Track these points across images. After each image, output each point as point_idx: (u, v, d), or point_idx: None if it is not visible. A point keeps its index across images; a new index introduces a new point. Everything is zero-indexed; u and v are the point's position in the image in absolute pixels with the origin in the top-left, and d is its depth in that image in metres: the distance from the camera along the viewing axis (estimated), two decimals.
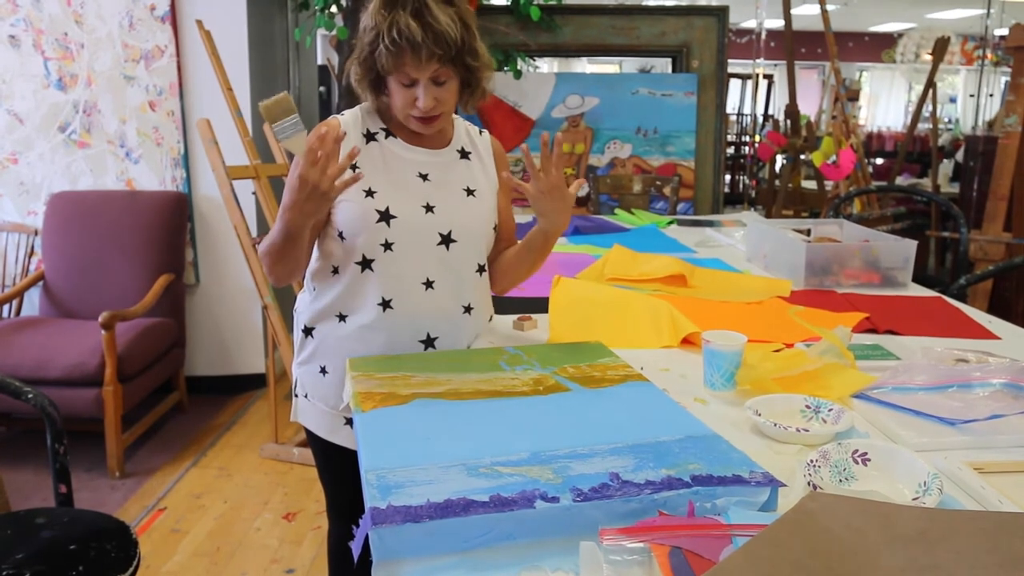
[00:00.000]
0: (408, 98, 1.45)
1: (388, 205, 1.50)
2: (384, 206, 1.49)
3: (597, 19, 4.18)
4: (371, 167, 1.52)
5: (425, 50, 1.39)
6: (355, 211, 1.49)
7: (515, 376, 1.33)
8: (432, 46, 1.39)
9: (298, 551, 2.63)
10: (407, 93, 1.45)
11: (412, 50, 1.39)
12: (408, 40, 1.38)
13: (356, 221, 1.49)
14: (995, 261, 3.85)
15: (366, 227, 1.49)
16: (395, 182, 1.52)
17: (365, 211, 1.49)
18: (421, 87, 1.44)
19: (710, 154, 4.22)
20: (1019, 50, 3.85)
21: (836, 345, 1.49)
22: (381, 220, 1.49)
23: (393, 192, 1.51)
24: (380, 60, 1.42)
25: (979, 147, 4.79)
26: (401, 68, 1.42)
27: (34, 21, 3.58)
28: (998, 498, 1.01)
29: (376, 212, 1.49)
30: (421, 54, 1.39)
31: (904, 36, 12.53)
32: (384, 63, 1.42)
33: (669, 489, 0.93)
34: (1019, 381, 1.33)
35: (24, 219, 3.74)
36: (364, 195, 1.50)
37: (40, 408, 1.79)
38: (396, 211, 1.50)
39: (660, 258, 2.30)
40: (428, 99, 1.44)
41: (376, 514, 0.87)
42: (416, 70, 1.42)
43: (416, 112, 1.47)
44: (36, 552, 1.60)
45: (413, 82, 1.44)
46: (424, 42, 1.38)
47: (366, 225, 1.49)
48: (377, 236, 1.50)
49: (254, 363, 3.97)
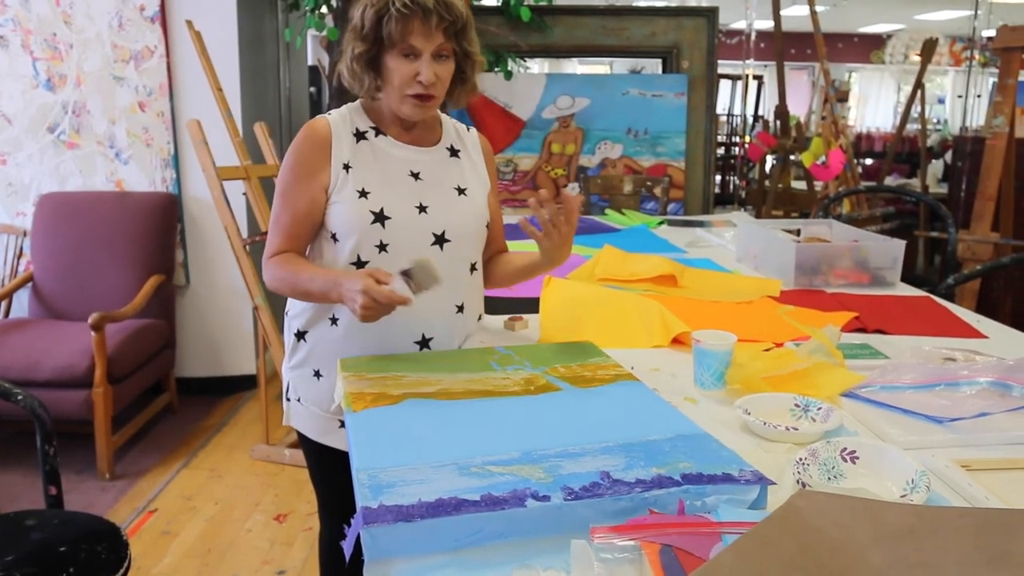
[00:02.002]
0: (408, 73, 1.44)
1: (383, 206, 1.49)
2: (379, 207, 1.49)
3: (587, 20, 4.19)
4: (363, 167, 1.51)
5: (436, 16, 1.40)
6: (349, 213, 1.48)
7: (506, 376, 1.34)
8: (443, 11, 1.41)
9: (289, 552, 2.63)
10: (408, 68, 1.44)
11: (423, 15, 1.40)
12: (419, 5, 1.39)
13: (350, 223, 1.48)
14: (983, 261, 3.87)
15: (360, 229, 1.48)
16: (388, 182, 1.52)
17: (359, 213, 1.48)
18: (424, 60, 1.44)
19: (700, 155, 4.23)
20: (1006, 51, 3.87)
21: (825, 344, 1.50)
22: (376, 221, 1.48)
23: (387, 192, 1.50)
24: (387, 28, 1.41)
25: (967, 148, 4.82)
26: (407, 37, 1.41)
27: (22, 21, 3.56)
28: (985, 495, 1.02)
29: (371, 213, 1.48)
30: (431, 20, 1.40)
31: (893, 37, 12.60)
32: (392, 30, 1.41)
33: (659, 488, 0.93)
34: (1006, 379, 1.34)
35: (13, 220, 3.72)
36: (358, 196, 1.49)
37: (30, 410, 1.78)
38: (390, 212, 1.49)
39: (650, 258, 2.31)
40: (430, 72, 1.44)
41: (368, 513, 0.87)
42: (423, 39, 1.42)
43: (416, 88, 1.45)
44: (26, 554, 1.60)
45: (415, 55, 1.43)
46: (436, 8, 1.40)
47: (361, 227, 1.48)
48: (371, 237, 1.49)
49: (244, 364, 3.96)
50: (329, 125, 1.52)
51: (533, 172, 4.22)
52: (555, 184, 4.24)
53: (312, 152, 1.50)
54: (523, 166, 4.22)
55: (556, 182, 4.24)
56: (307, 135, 1.51)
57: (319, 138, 1.51)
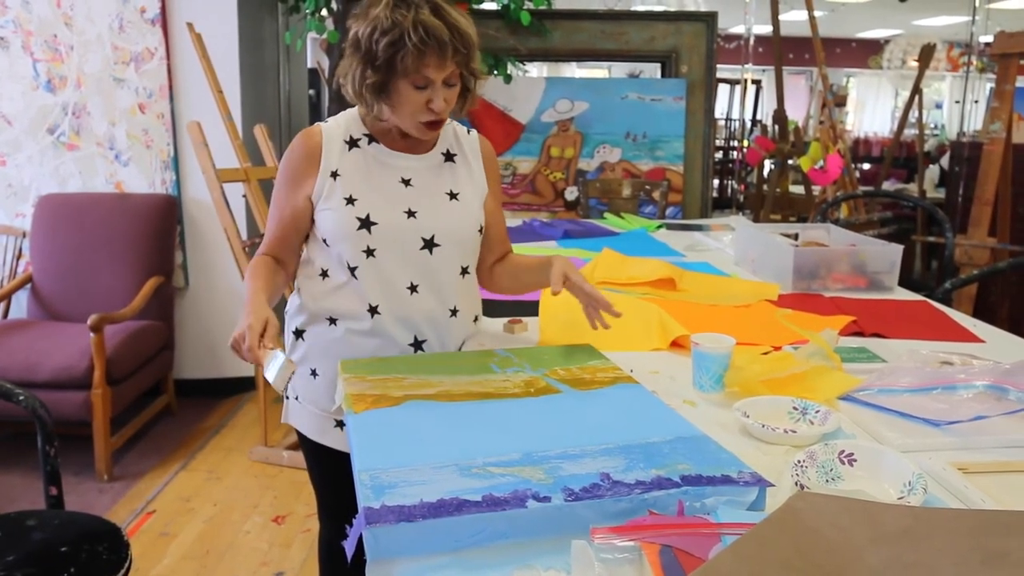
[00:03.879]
0: (420, 102, 1.44)
1: (369, 212, 1.50)
2: (365, 213, 1.50)
3: (587, 24, 4.20)
4: (353, 174, 1.52)
5: (451, 48, 1.40)
6: (336, 219, 1.50)
7: (506, 378, 1.34)
8: (459, 44, 1.40)
9: (288, 554, 2.63)
10: (419, 97, 1.43)
11: (439, 48, 1.39)
12: (436, 38, 1.38)
13: (338, 229, 1.50)
14: (980, 265, 3.89)
15: (347, 234, 1.50)
16: (377, 188, 1.53)
17: (346, 219, 1.49)
18: (436, 89, 1.43)
19: (699, 159, 4.25)
20: (1004, 57, 3.89)
21: (823, 348, 1.51)
22: (362, 227, 1.50)
23: (374, 199, 1.52)
24: (403, 61, 1.39)
25: (964, 153, 4.83)
26: (421, 69, 1.40)
27: (23, 22, 3.57)
28: (981, 497, 1.03)
29: (356, 220, 1.49)
30: (447, 53, 1.40)
31: (891, 42, 12.61)
32: (407, 63, 1.39)
33: (659, 489, 0.94)
34: (1002, 383, 1.35)
35: (12, 221, 3.72)
36: (345, 203, 1.50)
37: (31, 410, 1.79)
38: (377, 218, 1.50)
39: (649, 262, 2.32)
40: (441, 101, 1.44)
41: (370, 514, 0.88)
42: (437, 70, 1.41)
43: (428, 116, 1.46)
44: (27, 554, 1.60)
45: (427, 84, 1.43)
46: (451, 40, 1.39)
47: (347, 233, 1.50)
48: (359, 243, 1.50)
49: (243, 366, 3.96)
50: (322, 134, 1.53)
51: (532, 175, 4.24)
52: (554, 188, 4.25)
53: (300, 162, 1.53)
54: (522, 169, 4.23)
55: (555, 185, 4.25)
56: (298, 144, 1.54)
57: (308, 148, 1.53)
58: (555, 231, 3.14)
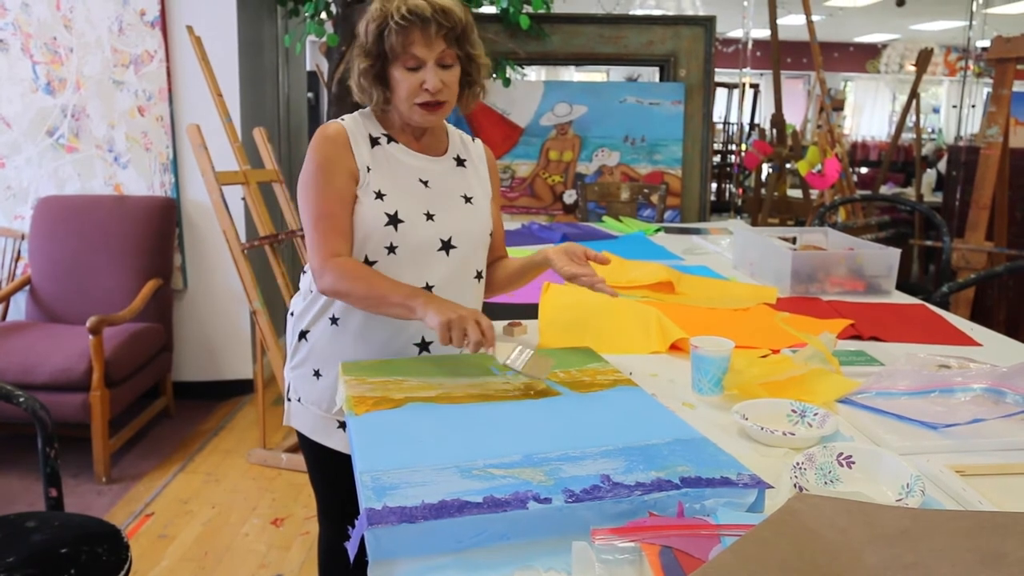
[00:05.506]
0: (414, 84, 1.46)
1: (396, 209, 1.51)
2: (393, 210, 1.51)
3: (586, 28, 4.22)
4: (380, 170, 1.53)
5: (434, 24, 1.43)
6: (367, 213, 1.50)
7: (506, 381, 1.35)
8: (441, 19, 1.43)
9: (286, 556, 2.63)
10: (413, 78, 1.46)
11: (422, 25, 1.42)
12: (417, 15, 1.42)
13: (366, 222, 1.50)
14: (977, 269, 3.90)
15: (375, 229, 1.50)
16: (401, 187, 1.54)
17: (376, 214, 1.50)
18: (428, 68, 1.46)
19: (697, 162, 4.26)
20: (1001, 62, 3.91)
21: (821, 351, 1.51)
22: (389, 223, 1.50)
23: (400, 196, 1.53)
24: (388, 41, 1.44)
25: (962, 157, 4.85)
26: (409, 48, 1.44)
27: (23, 25, 3.57)
28: (978, 500, 1.03)
29: (385, 215, 1.50)
30: (431, 29, 1.43)
31: (888, 47, 12.67)
32: (393, 43, 1.44)
33: (659, 490, 0.95)
34: (1000, 386, 1.36)
35: (11, 223, 3.72)
36: (374, 197, 1.51)
37: (31, 412, 1.79)
38: (403, 216, 1.51)
39: (648, 265, 2.32)
40: (435, 79, 1.46)
41: (372, 515, 0.88)
42: (424, 48, 1.44)
43: (423, 97, 1.47)
44: (27, 556, 1.60)
45: (419, 65, 1.45)
46: (433, 16, 1.43)
47: (376, 227, 1.50)
48: (383, 239, 1.51)
49: (242, 368, 3.97)
50: (344, 129, 1.54)
51: (531, 179, 4.24)
52: (552, 191, 4.25)
53: (337, 150, 1.51)
54: (521, 173, 4.24)
55: (553, 189, 4.25)
56: (327, 136, 1.52)
57: (339, 138, 1.52)
58: (554, 234, 3.15)
